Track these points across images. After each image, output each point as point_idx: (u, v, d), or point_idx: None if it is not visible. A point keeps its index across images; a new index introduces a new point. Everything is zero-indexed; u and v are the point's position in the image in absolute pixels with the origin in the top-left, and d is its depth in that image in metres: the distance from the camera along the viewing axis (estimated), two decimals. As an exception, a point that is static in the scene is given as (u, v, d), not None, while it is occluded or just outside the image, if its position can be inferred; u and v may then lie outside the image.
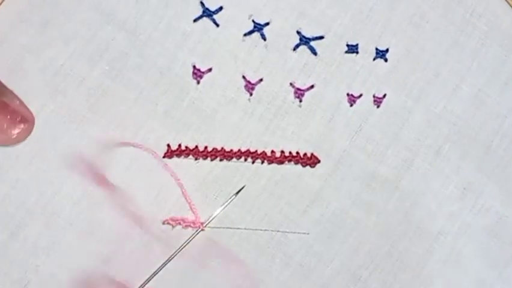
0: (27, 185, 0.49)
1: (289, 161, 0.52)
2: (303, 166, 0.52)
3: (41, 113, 0.49)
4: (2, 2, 0.49)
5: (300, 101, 0.52)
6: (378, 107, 0.53)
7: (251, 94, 0.51)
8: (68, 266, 0.49)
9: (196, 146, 0.50)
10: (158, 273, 0.50)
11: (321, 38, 0.52)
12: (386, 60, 0.53)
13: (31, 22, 0.49)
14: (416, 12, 0.53)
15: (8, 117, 0.45)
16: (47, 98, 0.49)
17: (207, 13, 0.50)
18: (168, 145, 0.50)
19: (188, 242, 0.50)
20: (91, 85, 0.49)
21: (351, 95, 0.52)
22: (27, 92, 0.49)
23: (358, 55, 0.52)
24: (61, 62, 0.49)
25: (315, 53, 0.52)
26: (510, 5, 0.54)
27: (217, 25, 0.50)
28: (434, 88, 0.54)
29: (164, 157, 0.50)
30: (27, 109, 0.46)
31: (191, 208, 0.50)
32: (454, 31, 0.54)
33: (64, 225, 0.49)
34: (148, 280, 0.50)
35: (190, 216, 0.50)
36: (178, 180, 0.49)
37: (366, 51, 0.52)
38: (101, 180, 0.47)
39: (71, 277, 0.49)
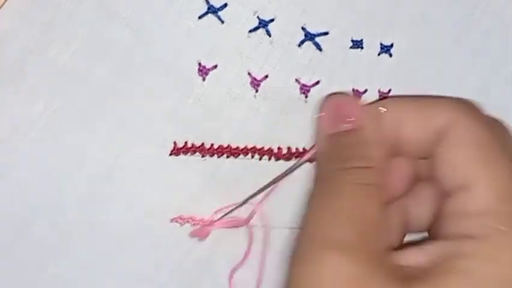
0: (32, 185, 0.48)
1: (296, 157, 0.51)
2: (310, 162, 0.52)
3: (44, 113, 0.48)
4: (4, 3, 0.49)
5: (306, 96, 0.52)
6: (383, 102, 0.53)
7: (257, 90, 0.51)
8: (73, 265, 0.49)
9: (203, 144, 0.50)
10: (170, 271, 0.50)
11: (326, 33, 0.52)
12: (390, 55, 0.53)
13: (33, 22, 0.48)
14: (420, 7, 0.53)
15: None
16: (51, 97, 0.49)
17: (212, 10, 0.50)
18: (174, 142, 0.50)
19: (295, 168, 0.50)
20: (96, 83, 0.49)
21: (357, 90, 0.52)
22: (31, 91, 0.48)
23: (363, 50, 0.52)
24: (64, 60, 0.49)
25: (320, 49, 0.52)
26: (512, 0, 0.55)
27: (222, 22, 0.50)
28: (438, 84, 0.54)
29: (170, 155, 0.50)
30: None
31: None
32: (457, 27, 0.54)
33: (70, 225, 0.49)
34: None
35: (198, 215, 0.50)
36: None
37: (371, 46, 0.52)
38: None
39: (77, 277, 0.48)
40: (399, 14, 0.53)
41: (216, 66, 0.50)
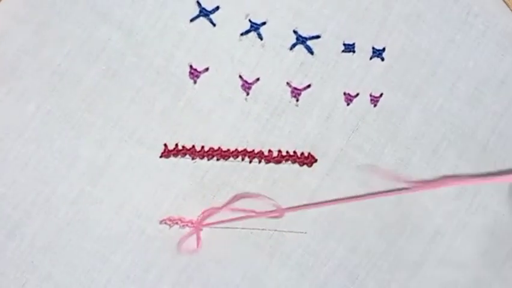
0: (24, 185, 0.49)
1: (287, 160, 0.52)
2: (300, 165, 0.52)
3: (37, 113, 0.49)
4: (-2, 3, 0.49)
5: (297, 100, 0.52)
6: (375, 106, 0.53)
7: (248, 93, 0.51)
8: (65, 265, 0.49)
9: (193, 146, 0.50)
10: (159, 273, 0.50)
11: (318, 37, 0.52)
12: (382, 59, 0.53)
13: (27, 22, 0.49)
14: (413, 11, 0.53)
15: None
16: (44, 98, 0.49)
17: (204, 13, 0.50)
18: (165, 145, 0.50)
19: None
20: (88, 85, 0.49)
21: (348, 94, 0.52)
22: (24, 92, 0.49)
23: (355, 54, 0.52)
24: (58, 62, 0.49)
25: (311, 52, 0.52)
26: (507, 4, 0.54)
27: (214, 25, 0.50)
28: (431, 87, 0.54)
29: (161, 157, 0.50)
30: None
31: None
32: (451, 30, 0.54)
33: (61, 225, 0.49)
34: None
35: (187, 216, 0.50)
36: None
37: (363, 50, 0.52)
38: None
39: (68, 277, 0.49)
40: (391, 18, 0.52)
41: (207, 69, 0.50)
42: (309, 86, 0.52)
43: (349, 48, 0.52)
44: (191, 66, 0.50)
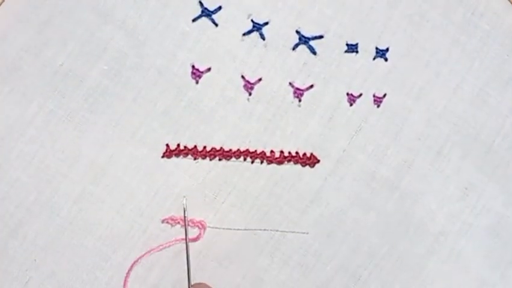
0: (27, 184, 0.49)
1: (289, 161, 0.52)
2: (303, 166, 0.52)
3: (40, 113, 0.49)
4: (1, 3, 0.49)
5: (300, 100, 0.52)
6: (378, 106, 0.53)
7: (250, 94, 0.51)
8: (67, 264, 0.49)
9: (195, 146, 0.50)
10: (161, 271, 0.50)
11: (321, 37, 0.51)
12: (386, 59, 0.52)
13: (30, 22, 0.49)
14: (417, 11, 0.53)
15: None
16: (46, 97, 0.49)
17: (206, 13, 0.50)
18: (167, 145, 0.50)
19: None
20: (90, 85, 0.49)
21: (351, 94, 0.52)
22: (26, 91, 0.49)
23: (358, 54, 0.52)
24: (60, 62, 0.49)
25: (314, 53, 0.51)
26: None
27: (216, 25, 0.50)
28: (435, 88, 0.54)
29: (163, 157, 0.50)
30: None
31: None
32: (455, 30, 0.53)
33: (63, 224, 0.49)
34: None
35: (189, 216, 0.50)
36: None
37: (366, 50, 0.52)
38: None
39: (70, 275, 0.49)
40: (395, 18, 0.52)
41: (209, 69, 0.50)
42: (311, 86, 0.52)
43: (352, 48, 0.52)
44: (193, 67, 0.50)
